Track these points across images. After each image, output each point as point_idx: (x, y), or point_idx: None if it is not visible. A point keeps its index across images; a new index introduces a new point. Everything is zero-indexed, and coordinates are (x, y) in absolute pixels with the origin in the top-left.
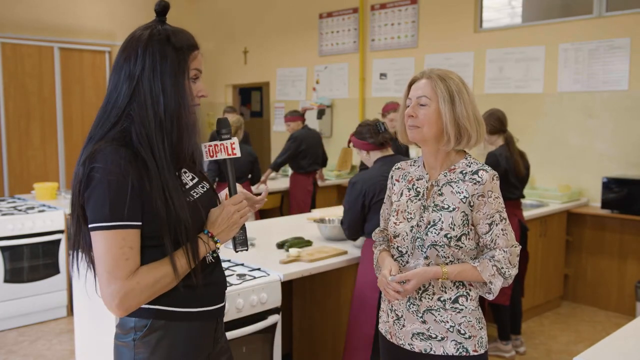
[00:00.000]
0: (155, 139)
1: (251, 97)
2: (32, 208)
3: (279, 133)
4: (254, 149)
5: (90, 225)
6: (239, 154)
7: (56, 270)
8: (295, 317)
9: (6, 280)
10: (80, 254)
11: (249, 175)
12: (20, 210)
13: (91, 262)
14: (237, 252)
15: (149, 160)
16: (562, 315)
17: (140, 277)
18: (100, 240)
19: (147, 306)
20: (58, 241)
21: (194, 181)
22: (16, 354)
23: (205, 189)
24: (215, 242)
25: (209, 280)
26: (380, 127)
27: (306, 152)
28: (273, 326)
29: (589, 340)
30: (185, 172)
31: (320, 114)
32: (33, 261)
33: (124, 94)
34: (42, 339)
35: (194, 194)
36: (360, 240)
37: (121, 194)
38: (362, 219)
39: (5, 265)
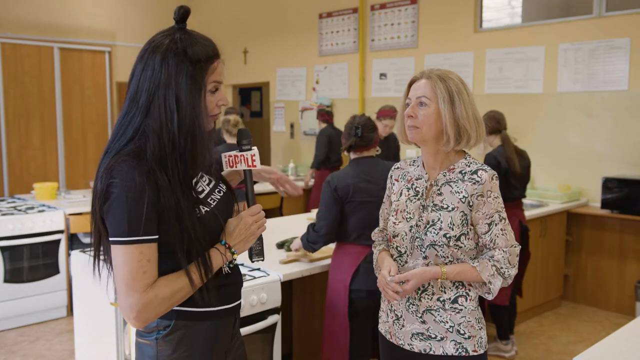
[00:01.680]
0: (169, 157)
1: (251, 97)
2: (32, 208)
3: (279, 133)
4: None
5: (109, 239)
6: (259, 166)
7: (56, 270)
8: (295, 317)
9: (6, 280)
10: (101, 262)
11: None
12: (20, 210)
13: (111, 269)
14: (252, 262)
15: (162, 178)
16: (562, 315)
17: (159, 290)
18: (118, 253)
19: None
20: (58, 241)
21: (211, 185)
22: (16, 354)
23: (222, 193)
24: (232, 253)
25: (227, 281)
26: (357, 132)
27: (332, 147)
28: (273, 326)
29: (589, 340)
30: (202, 177)
31: None
32: (33, 261)
33: (141, 108)
34: (42, 339)
35: (212, 201)
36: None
37: (138, 209)
38: (339, 221)
39: (5, 265)
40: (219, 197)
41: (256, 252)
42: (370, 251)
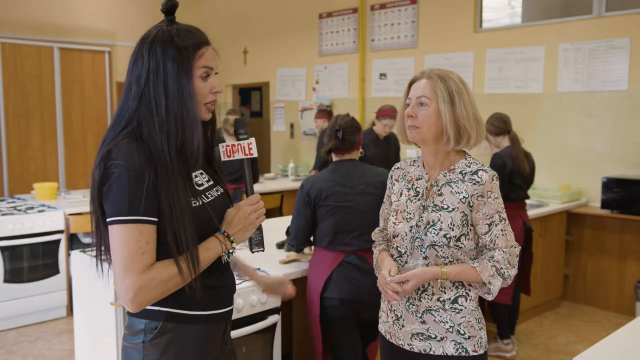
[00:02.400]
0: (161, 142)
1: (251, 97)
2: (32, 208)
3: (279, 133)
4: None
5: (108, 219)
6: (256, 154)
7: (56, 270)
8: (295, 317)
9: (6, 280)
10: (102, 254)
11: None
12: (20, 210)
13: (110, 259)
14: (252, 252)
15: (157, 161)
16: (562, 315)
17: (155, 273)
18: (117, 234)
19: (157, 308)
20: (58, 241)
21: (209, 184)
22: (16, 354)
23: (219, 192)
24: (232, 242)
25: (219, 282)
26: (337, 134)
27: None
28: (273, 326)
29: (589, 340)
30: (201, 174)
31: None
32: (33, 261)
33: (133, 98)
34: (42, 339)
35: (208, 196)
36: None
37: (139, 189)
38: (310, 225)
39: (5, 265)
40: (216, 195)
41: (256, 242)
42: (344, 258)
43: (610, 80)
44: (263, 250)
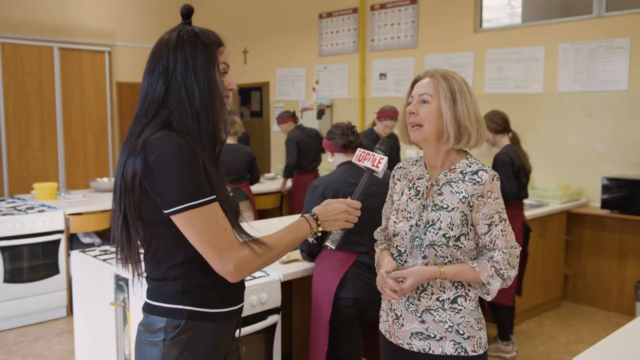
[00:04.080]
0: (193, 130)
1: (251, 97)
2: (32, 208)
3: (279, 133)
4: (254, 149)
5: (174, 209)
6: (381, 170)
7: (56, 270)
8: (295, 317)
9: (6, 280)
10: (123, 249)
11: (248, 176)
12: (20, 210)
13: (135, 255)
14: (324, 245)
15: (198, 149)
16: (562, 315)
17: (252, 246)
18: (194, 220)
19: (179, 306)
20: (58, 241)
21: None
22: (16, 354)
23: (230, 192)
24: (318, 225)
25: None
26: (353, 130)
27: (302, 151)
28: (273, 326)
29: (589, 340)
30: None
31: (320, 114)
32: (33, 261)
33: (160, 89)
34: (42, 339)
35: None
36: None
37: (196, 171)
38: None
39: (5, 265)
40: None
41: (332, 239)
42: (357, 258)
43: (610, 80)
44: (333, 249)
